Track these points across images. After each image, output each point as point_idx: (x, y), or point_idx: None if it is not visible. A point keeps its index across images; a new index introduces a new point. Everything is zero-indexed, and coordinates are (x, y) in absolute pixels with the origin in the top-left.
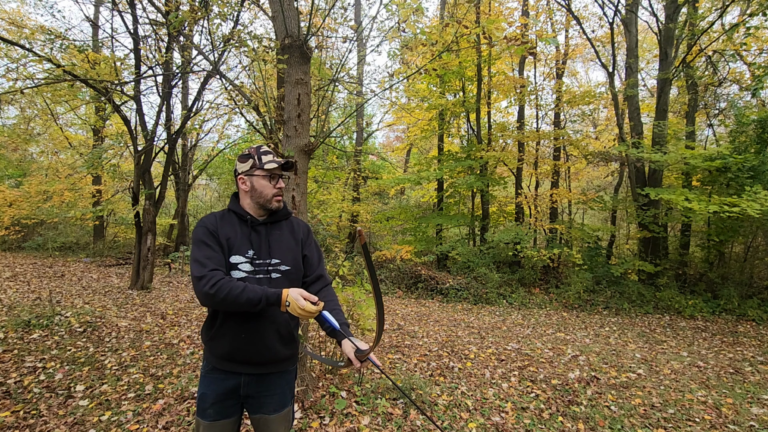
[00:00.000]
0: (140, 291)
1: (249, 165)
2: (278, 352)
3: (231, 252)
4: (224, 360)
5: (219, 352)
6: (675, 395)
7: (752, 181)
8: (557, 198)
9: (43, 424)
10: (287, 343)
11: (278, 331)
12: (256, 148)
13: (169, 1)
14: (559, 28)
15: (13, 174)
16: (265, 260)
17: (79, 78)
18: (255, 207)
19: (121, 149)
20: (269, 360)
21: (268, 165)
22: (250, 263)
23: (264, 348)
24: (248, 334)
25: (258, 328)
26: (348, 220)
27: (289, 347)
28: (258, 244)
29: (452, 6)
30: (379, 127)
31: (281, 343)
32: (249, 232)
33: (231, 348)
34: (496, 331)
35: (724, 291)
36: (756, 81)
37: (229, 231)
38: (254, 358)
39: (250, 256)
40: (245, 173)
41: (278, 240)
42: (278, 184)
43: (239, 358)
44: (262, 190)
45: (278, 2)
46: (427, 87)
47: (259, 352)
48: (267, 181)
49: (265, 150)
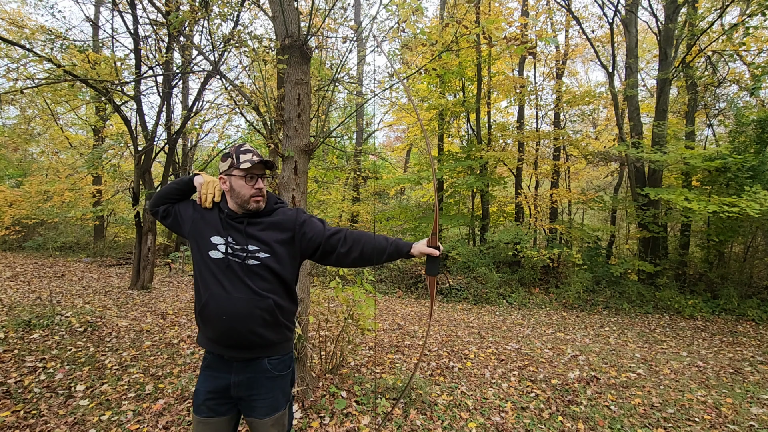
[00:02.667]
0: (140, 291)
1: (228, 164)
2: (264, 335)
3: (212, 233)
4: (212, 341)
5: (207, 331)
6: (675, 395)
7: (752, 181)
8: (557, 198)
9: (43, 423)
10: (273, 326)
11: (263, 317)
12: (236, 147)
13: (169, 1)
14: (559, 28)
15: (13, 174)
16: (243, 246)
17: (79, 78)
18: (236, 207)
19: (122, 149)
20: (254, 344)
21: (243, 165)
22: (228, 246)
23: (247, 330)
24: (229, 314)
25: (240, 309)
26: (348, 220)
27: (275, 331)
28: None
29: (452, 6)
30: (379, 127)
31: (265, 326)
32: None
33: (215, 328)
34: (496, 331)
35: (724, 291)
36: (755, 81)
37: (210, 217)
38: (238, 340)
39: (228, 240)
40: (224, 173)
41: (256, 231)
42: (257, 184)
43: (224, 341)
44: (239, 190)
45: (278, 2)
46: (427, 87)
47: (242, 335)
48: (244, 181)
49: (245, 149)
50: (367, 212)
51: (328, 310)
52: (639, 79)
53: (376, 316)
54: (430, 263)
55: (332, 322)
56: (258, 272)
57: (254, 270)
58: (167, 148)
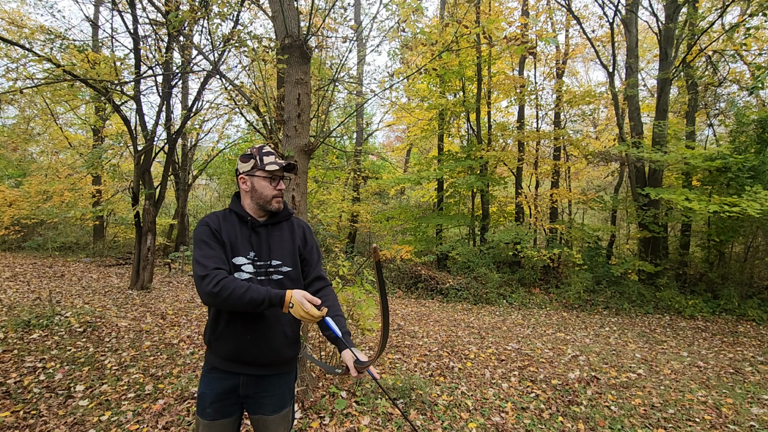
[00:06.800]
0: (140, 291)
1: (250, 165)
2: (283, 353)
3: (234, 253)
4: (227, 360)
5: (222, 352)
6: (675, 395)
7: (752, 181)
8: (557, 198)
9: (43, 424)
10: (292, 344)
11: (284, 333)
12: (258, 149)
13: (169, 1)
14: (559, 27)
15: (13, 174)
16: (266, 262)
17: (79, 78)
18: (255, 207)
19: (121, 149)
20: (273, 361)
21: (269, 167)
22: (252, 265)
23: (269, 350)
24: (254, 335)
25: (264, 329)
26: (348, 220)
27: (293, 349)
28: (258, 245)
29: (452, 6)
30: (379, 127)
31: (286, 344)
32: (249, 234)
33: (236, 349)
34: (496, 331)
35: (724, 291)
36: (755, 80)
37: (230, 231)
38: (259, 359)
39: (251, 257)
40: (246, 173)
41: (278, 241)
42: (279, 185)
43: (243, 359)
44: (262, 191)
45: (278, 2)
46: (427, 87)
47: (263, 354)
48: (267, 182)
49: (267, 151)
50: (367, 212)
51: None
52: (639, 79)
53: (375, 316)
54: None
55: None
56: (282, 286)
57: (278, 284)
58: (167, 148)
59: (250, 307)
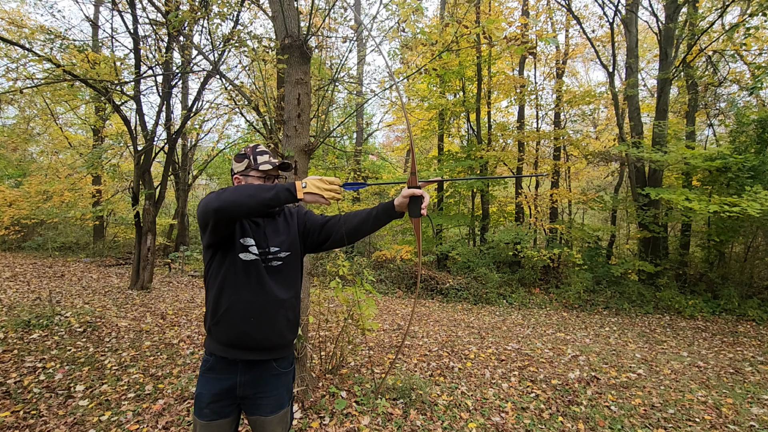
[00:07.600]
0: (140, 291)
1: (245, 165)
2: (285, 336)
3: (242, 234)
4: (228, 347)
5: (224, 338)
6: (675, 395)
7: (752, 181)
8: (557, 198)
9: (43, 424)
10: (293, 327)
11: (287, 317)
12: (252, 148)
13: (169, 1)
14: (559, 27)
15: (13, 174)
16: (265, 249)
17: (78, 78)
18: None
19: (121, 149)
20: (275, 345)
21: (263, 166)
22: (257, 247)
23: (272, 332)
24: (257, 316)
25: (269, 310)
26: None
27: (294, 332)
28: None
29: (452, 6)
30: (379, 127)
31: (288, 328)
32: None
33: (238, 332)
34: (496, 331)
35: (724, 291)
36: (755, 80)
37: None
38: (262, 343)
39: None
40: (241, 173)
41: (274, 229)
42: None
43: (245, 344)
44: None
45: (278, 2)
46: (427, 87)
47: (266, 338)
48: (262, 182)
49: (261, 150)
50: None
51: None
52: (639, 79)
53: (375, 316)
54: (412, 204)
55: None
56: (280, 272)
57: (277, 270)
58: (167, 148)
59: (261, 195)
